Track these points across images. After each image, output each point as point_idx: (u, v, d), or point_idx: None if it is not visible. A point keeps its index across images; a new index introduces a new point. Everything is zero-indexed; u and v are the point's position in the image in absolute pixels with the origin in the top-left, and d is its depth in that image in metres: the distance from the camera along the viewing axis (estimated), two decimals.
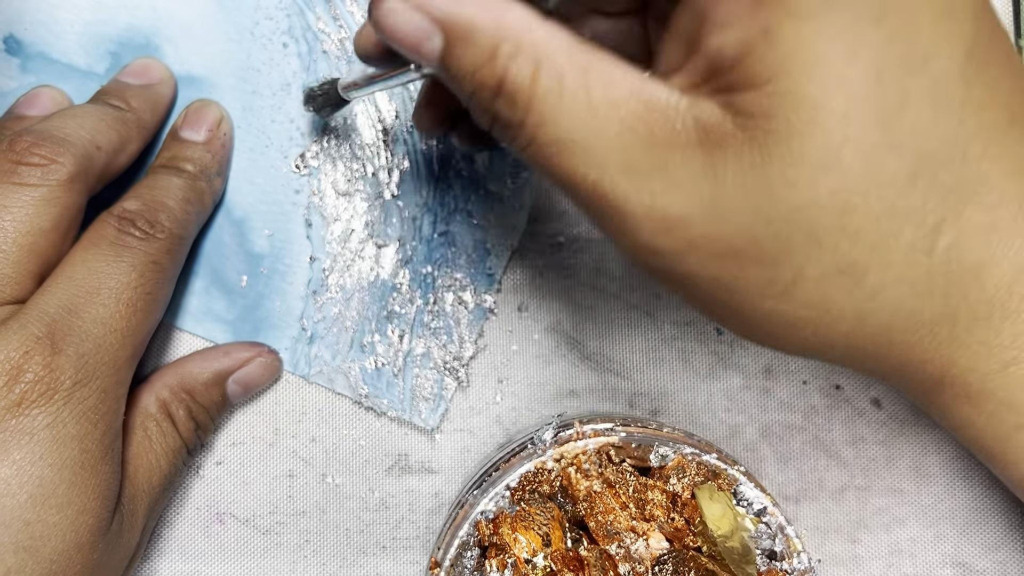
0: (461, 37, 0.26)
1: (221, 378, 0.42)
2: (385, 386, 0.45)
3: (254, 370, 0.43)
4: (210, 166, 0.43)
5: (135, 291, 0.37)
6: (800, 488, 0.46)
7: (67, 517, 0.34)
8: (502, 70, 0.26)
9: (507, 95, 0.26)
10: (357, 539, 0.45)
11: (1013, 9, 0.44)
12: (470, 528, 0.37)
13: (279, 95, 0.45)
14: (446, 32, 0.27)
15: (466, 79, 0.27)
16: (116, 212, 0.38)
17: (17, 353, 0.33)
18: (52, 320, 0.35)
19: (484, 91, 0.26)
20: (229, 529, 0.45)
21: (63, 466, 0.34)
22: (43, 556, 0.34)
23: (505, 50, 0.26)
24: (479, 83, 0.26)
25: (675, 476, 0.38)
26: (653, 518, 0.38)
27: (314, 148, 0.44)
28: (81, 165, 0.37)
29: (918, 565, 0.46)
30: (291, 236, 0.45)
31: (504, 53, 0.26)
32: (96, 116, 0.40)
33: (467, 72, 0.27)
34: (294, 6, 0.44)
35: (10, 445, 0.33)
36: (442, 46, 0.27)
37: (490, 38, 0.26)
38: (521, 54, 0.26)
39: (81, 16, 0.44)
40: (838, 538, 0.46)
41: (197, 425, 0.42)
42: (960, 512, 0.46)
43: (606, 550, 0.37)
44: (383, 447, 0.45)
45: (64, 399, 0.34)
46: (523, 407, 0.45)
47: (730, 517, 0.37)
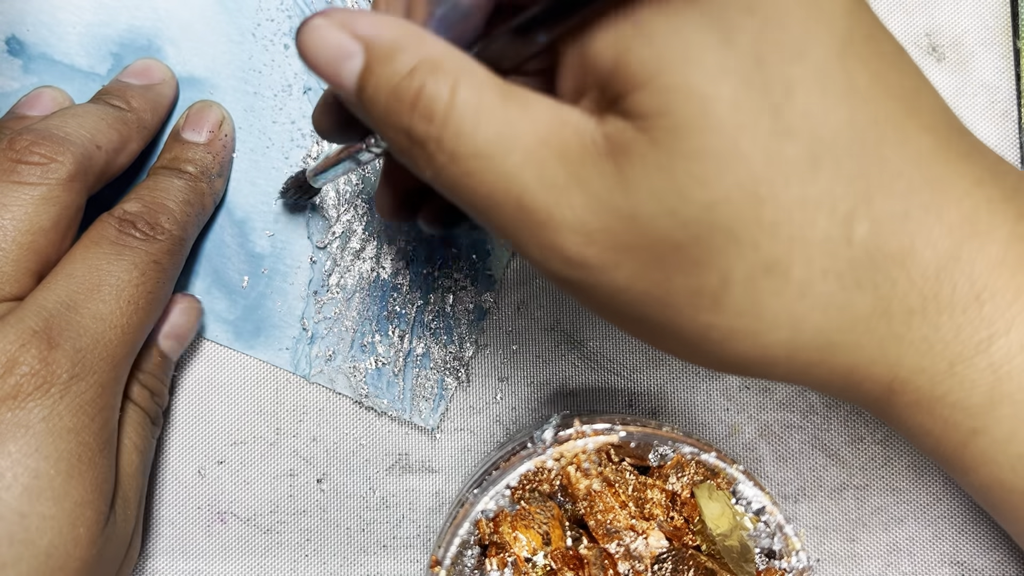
0: (382, 55, 0.26)
1: (150, 341, 0.42)
2: (385, 386, 0.45)
3: (177, 320, 0.42)
4: (211, 167, 0.43)
5: (136, 289, 0.37)
6: (799, 487, 0.46)
7: (64, 510, 0.34)
8: (419, 83, 0.26)
9: (423, 108, 0.26)
10: (358, 538, 0.45)
11: (1011, 11, 0.44)
12: (470, 527, 0.37)
13: (280, 96, 0.45)
14: (368, 51, 0.27)
15: (381, 97, 0.26)
16: (117, 214, 0.39)
17: (13, 346, 0.34)
18: (50, 315, 0.35)
19: (401, 107, 0.26)
20: (230, 528, 0.45)
21: (59, 459, 0.34)
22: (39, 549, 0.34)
23: (424, 67, 0.26)
24: (397, 100, 0.26)
25: (674, 475, 0.38)
26: (652, 517, 0.38)
27: (315, 149, 0.45)
28: (81, 164, 0.37)
29: (916, 564, 0.46)
30: (292, 237, 0.45)
31: (423, 69, 0.26)
32: (96, 115, 0.40)
33: (383, 91, 0.26)
34: (295, 8, 0.44)
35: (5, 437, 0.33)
36: (361, 66, 0.27)
37: (411, 56, 0.26)
38: (440, 71, 0.26)
39: (83, 17, 0.44)
40: (836, 537, 0.46)
41: (151, 392, 0.41)
42: (958, 511, 0.46)
43: (606, 549, 0.37)
44: (384, 446, 0.45)
45: (60, 392, 0.34)
46: (523, 407, 0.45)
47: (729, 516, 0.37)
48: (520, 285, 0.45)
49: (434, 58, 0.26)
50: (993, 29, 0.45)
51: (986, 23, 0.45)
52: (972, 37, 0.45)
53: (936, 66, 0.45)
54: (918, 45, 0.45)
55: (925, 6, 0.45)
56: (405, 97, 0.26)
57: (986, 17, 0.45)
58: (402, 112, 0.26)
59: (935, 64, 0.45)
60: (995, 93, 0.45)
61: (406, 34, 0.27)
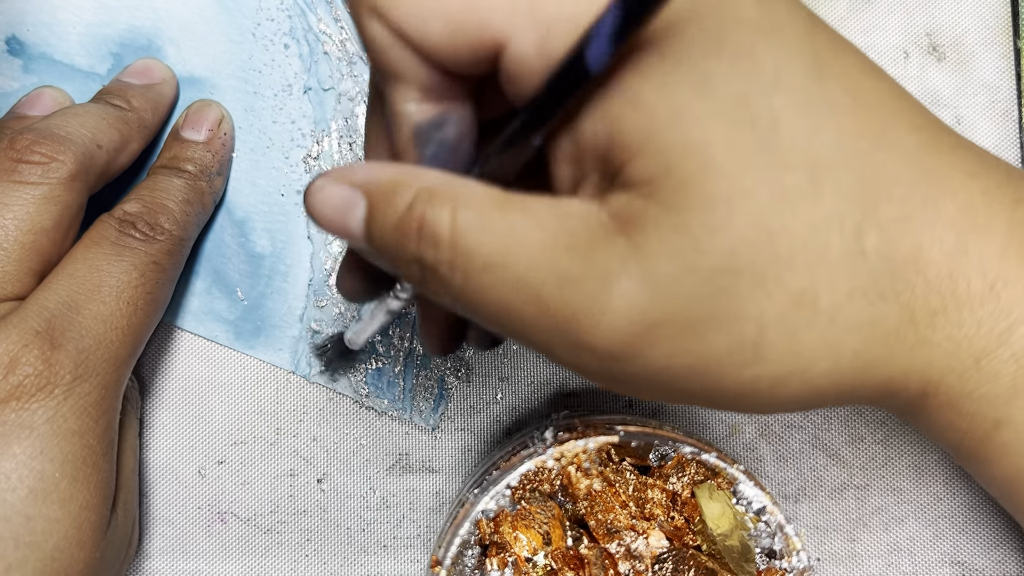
0: (382, 197, 0.27)
1: None
2: (386, 385, 0.45)
3: None
4: (211, 166, 0.43)
5: (136, 289, 0.37)
6: (799, 487, 0.46)
7: (69, 513, 0.34)
8: (420, 214, 0.26)
9: (428, 236, 0.26)
10: (358, 538, 0.45)
11: (1012, 10, 0.44)
12: (471, 527, 0.37)
13: (280, 96, 0.45)
14: (368, 197, 0.27)
15: (389, 237, 0.27)
16: (117, 215, 0.39)
17: (15, 346, 0.34)
18: (52, 315, 0.35)
19: (408, 240, 0.26)
20: (231, 528, 0.45)
21: (64, 461, 0.34)
22: (45, 552, 0.34)
23: (422, 197, 0.26)
24: (402, 234, 0.26)
25: (675, 475, 0.38)
26: (653, 517, 0.38)
27: (316, 149, 0.45)
28: (82, 163, 0.37)
29: (917, 564, 0.46)
30: (292, 236, 0.45)
31: (421, 199, 0.26)
32: (97, 115, 0.40)
33: (389, 229, 0.27)
34: (296, 7, 0.44)
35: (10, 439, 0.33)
36: (365, 213, 0.27)
37: (408, 191, 0.26)
38: (437, 199, 0.26)
39: (83, 17, 0.44)
40: (837, 537, 0.46)
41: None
42: (959, 511, 0.46)
43: (606, 548, 0.37)
44: (384, 446, 0.45)
45: (64, 394, 0.34)
46: (523, 406, 0.45)
47: (729, 516, 0.37)
48: None
49: (430, 187, 0.26)
50: (993, 29, 0.45)
51: (986, 23, 0.45)
52: (972, 37, 0.45)
53: (936, 66, 0.45)
54: (918, 45, 0.45)
55: (925, 6, 0.45)
56: (409, 229, 0.26)
57: (986, 17, 0.45)
58: (409, 244, 0.26)
59: (935, 64, 0.45)
60: (995, 93, 0.45)
61: (400, 172, 0.27)
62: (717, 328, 0.25)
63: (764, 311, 0.25)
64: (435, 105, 0.28)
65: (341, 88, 0.45)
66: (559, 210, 0.26)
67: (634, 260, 0.24)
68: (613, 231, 0.25)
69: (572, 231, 0.25)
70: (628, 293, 0.24)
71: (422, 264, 0.26)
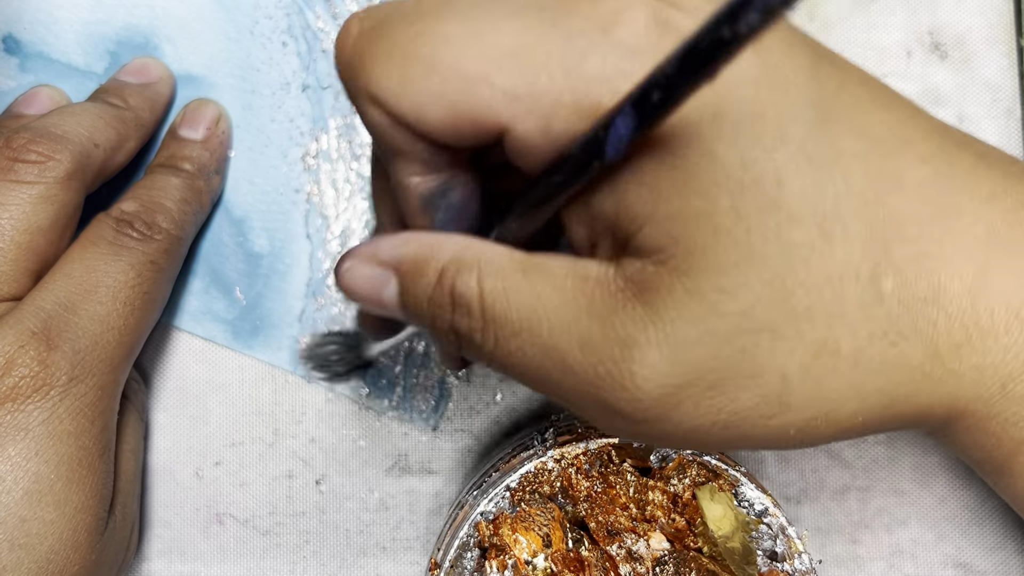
0: (411, 272, 0.28)
1: None
2: (386, 386, 0.45)
3: None
4: (208, 164, 0.42)
5: (133, 290, 0.37)
6: (801, 489, 0.45)
7: (64, 515, 0.34)
8: (450, 286, 0.27)
9: (461, 307, 0.27)
10: (357, 540, 0.45)
11: (1014, 8, 0.44)
12: (470, 529, 0.37)
13: (278, 94, 0.44)
14: (398, 272, 0.29)
15: (424, 309, 0.28)
16: (114, 214, 0.38)
17: (11, 347, 0.34)
18: (48, 316, 0.35)
19: (442, 311, 0.27)
20: (228, 530, 0.45)
21: (60, 462, 0.34)
22: (39, 554, 0.34)
23: (450, 269, 0.27)
24: (436, 306, 0.27)
25: (676, 477, 0.38)
26: (654, 519, 0.38)
27: (314, 147, 0.44)
28: (79, 162, 0.37)
29: (920, 566, 0.45)
30: (291, 236, 0.44)
31: (450, 271, 0.27)
32: (94, 114, 0.39)
33: (423, 302, 0.28)
34: (293, 5, 0.44)
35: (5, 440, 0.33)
36: (398, 288, 0.29)
37: (435, 264, 0.27)
38: (463, 268, 0.27)
39: (80, 15, 0.44)
40: (839, 539, 0.46)
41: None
42: (962, 513, 0.45)
43: (607, 551, 0.37)
44: (383, 447, 0.45)
45: (60, 395, 0.34)
46: (523, 407, 0.45)
47: (731, 518, 0.37)
48: None
49: (456, 257, 0.27)
50: (996, 27, 0.45)
51: (989, 21, 0.45)
52: (975, 35, 0.45)
53: (939, 64, 0.45)
54: (921, 43, 0.45)
55: (928, 4, 0.45)
56: (443, 301, 0.27)
57: (989, 15, 0.44)
58: (444, 314, 0.27)
59: (938, 62, 0.45)
60: (998, 91, 0.45)
61: (423, 245, 0.28)
62: (741, 386, 0.25)
63: (786, 365, 0.25)
64: (438, 175, 0.29)
65: (339, 86, 0.44)
66: (577, 272, 0.26)
67: (653, 326, 0.25)
68: (631, 296, 0.25)
69: (591, 295, 0.25)
70: (650, 359, 0.25)
71: (457, 333, 0.27)
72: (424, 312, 0.28)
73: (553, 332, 0.25)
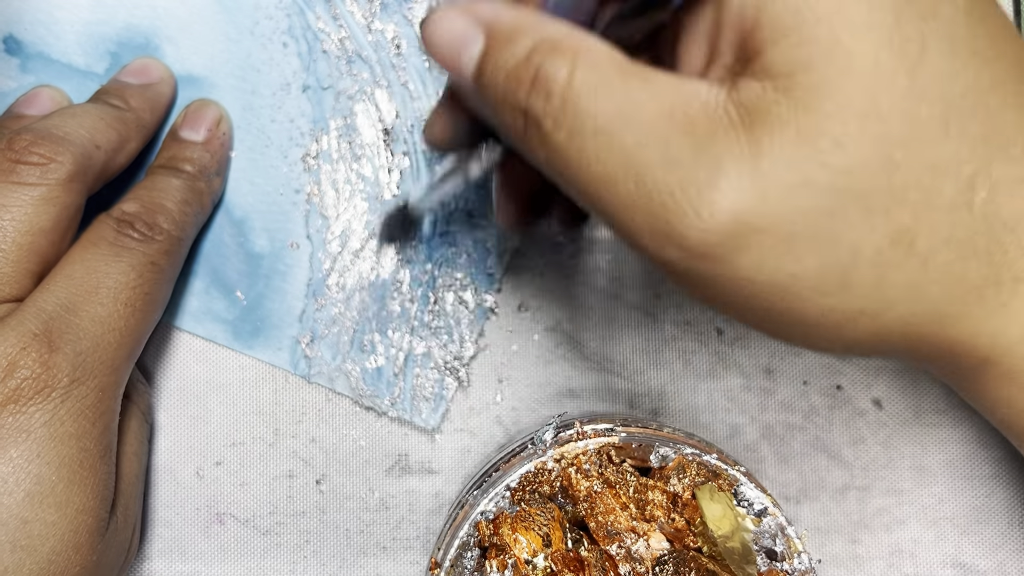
0: (502, 39, 0.27)
1: None
2: (386, 386, 0.45)
3: None
4: (209, 166, 0.43)
5: (134, 291, 0.37)
6: (801, 488, 0.45)
7: (66, 516, 0.34)
8: (537, 65, 0.26)
9: (541, 87, 0.25)
10: (357, 540, 0.45)
11: (1013, 8, 0.44)
12: (470, 528, 0.37)
13: (279, 95, 0.44)
14: (488, 34, 0.27)
15: (500, 79, 0.27)
16: (115, 214, 0.38)
17: (13, 349, 0.34)
18: (50, 318, 0.35)
19: (519, 87, 0.26)
20: (229, 529, 0.45)
21: (61, 464, 0.34)
22: (41, 555, 0.34)
23: (543, 48, 0.26)
24: (514, 81, 0.26)
25: (675, 476, 0.38)
26: (654, 518, 0.38)
27: (314, 148, 0.44)
28: (80, 164, 0.37)
29: (919, 565, 0.46)
30: (291, 236, 0.45)
31: (541, 50, 0.26)
32: (95, 115, 0.39)
33: (501, 74, 0.26)
34: (294, 6, 0.44)
35: (7, 442, 0.33)
36: (481, 51, 0.27)
37: (529, 39, 0.26)
38: (558, 52, 0.25)
39: (80, 16, 0.44)
40: (839, 538, 0.46)
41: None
42: (961, 512, 0.46)
43: (606, 550, 0.37)
44: (383, 447, 0.45)
45: (61, 397, 0.34)
46: (523, 407, 0.45)
47: (731, 517, 0.37)
48: (521, 285, 0.45)
49: (552, 39, 0.26)
50: None
51: None
52: None
53: None
54: None
55: None
56: (524, 77, 0.26)
57: None
58: (520, 92, 0.26)
59: None
60: None
61: (525, 18, 0.27)
62: (813, 248, 0.24)
63: (863, 241, 0.24)
64: None
65: (340, 86, 0.44)
66: (684, 89, 0.25)
67: (750, 158, 0.24)
68: (736, 122, 0.24)
69: (692, 114, 0.24)
70: (735, 192, 0.24)
71: (527, 115, 0.26)
72: (499, 86, 0.27)
73: (638, 142, 0.24)
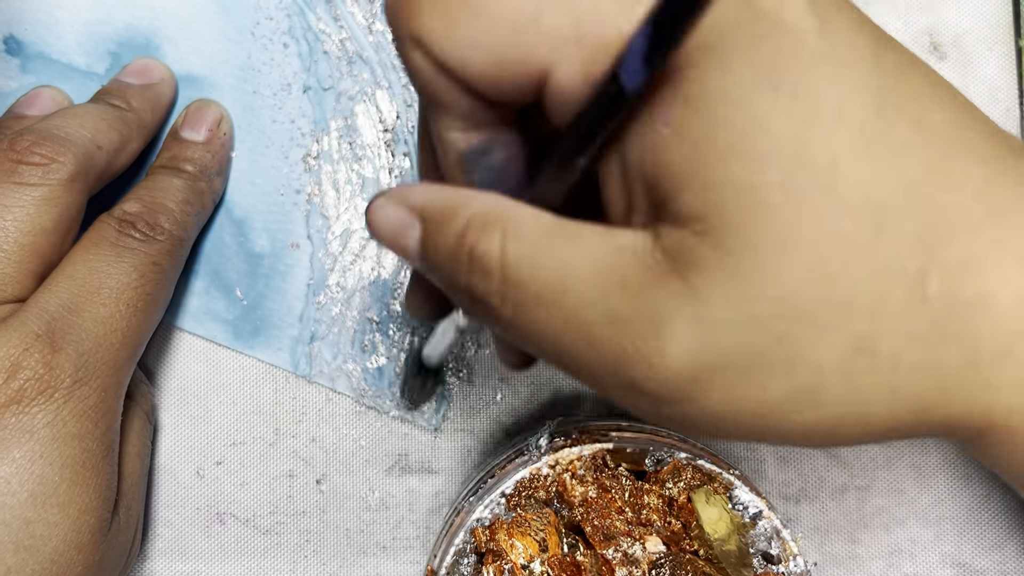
0: (436, 221, 0.27)
1: None
2: (387, 385, 0.45)
3: None
4: (210, 166, 0.43)
5: (135, 291, 0.37)
6: (800, 488, 0.46)
7: (69, 516, 0.35)
8: (472, 242, 0.26)
9: (478, 265, 0.26)
10: (357, 539, 0.45)
11: (1013, 9, 0.44)
12: (466, 535, 0.37)
13: (280, 95, 0.44)
14: (424, 220, 0.27)
15: (441, 260, 0.27)
16: (116, 214, 0.39)
17: (16, 350, 0.34)
18: (52, 318, 0.35)
19: (458, 267, 0.26)
20: (229, 529, 0.45)
21: (64, 465, 0.34)
22: (44, 555, 0.34)
23: (474, 225, 0.26)
24: (453, 260, 0.26)
25: (671, 480, 0.38)
26: (649, 522, 0.38)
27: (315, 148, 0.44)
28: (82, 164, 0.37)
29: (918, 565, 0.46)
30: (292, 236, 0.45)
31: (473, 228, 0.26)
32: (97, 115, 0.40)
33: (443, 255, 0.27)
34: (294, 6, 0.44)
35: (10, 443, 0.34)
36: (420, 235, 0.28)
37: (462, 217, 0.26)
38: (488, 226, 0.26)
39: (80, 16, 0.44)
40: (838, 538, 0.46)
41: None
42: (960, 512, 0.46)
43: (603, 555, 0.37)
44: (383, 447, 0.45)
45: (64, 397, 0.34)
46: (523, 408, 0.45)
47: (726, 520, 0.37)
48: None
49: (481, 213, 0.26)
50: (995, 27, 0.44)
51: (988, 21, 0.44)
52: (974, 36, 0.44)
53: (938, 64, 0.45)
54: (919, 43, 0.45)
55: (927, 4, 0.44)
56: (461, 257, 0.26)
57: (988, 16, 0.44)
58: (460, 273, 0.26)
59: (937, 62, 0.45)
60: (997, 92, 0.45)
61: (455, 197, 0.27)
62: (774, 374, 0.24)
63: (823, 357, 0.24)
64: (480, 132, 0.28)
65: (341, 87, 0.44)
66: (610, 242, 0.25)
67: (688, 303, 0.24)
68: (667, 270, 0.24)
69: (623, 268, 0.24)
70: (682, 338, 0.24)
71: (472, 295, 0.26)
72: (443, 267, 0.27)
73: (580, 304, 0.24)
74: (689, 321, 0.24)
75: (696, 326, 0.24)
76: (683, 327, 0.24)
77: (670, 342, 0.24)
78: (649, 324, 0.24)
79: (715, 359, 0.24)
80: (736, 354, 0.24)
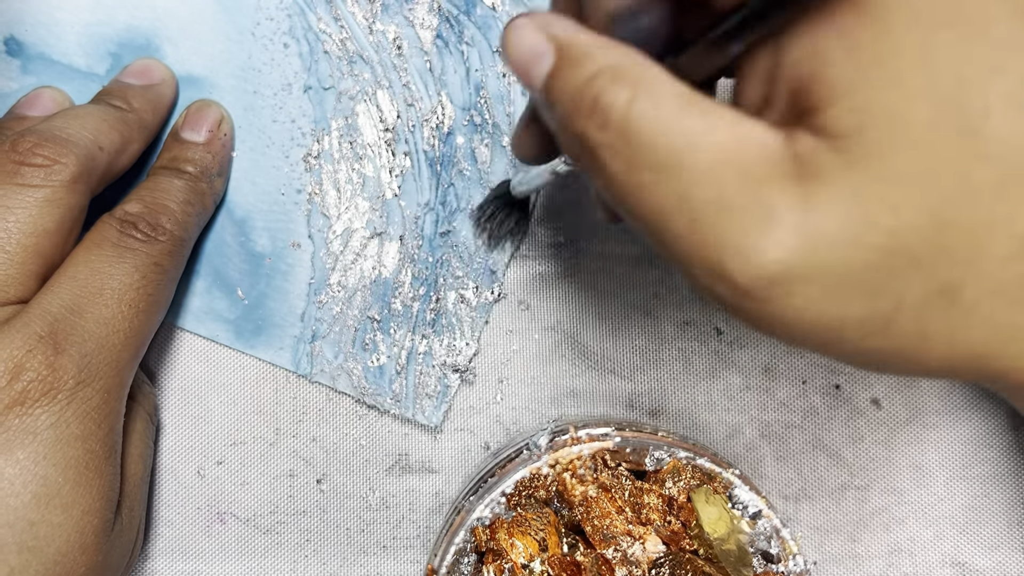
0: (570, 59, 0.27)
1: None
2: (388, 384, 0.45)
3: None
4: (211, 167, 0.43)
5: (137, 292, 0.37)
6: (800, 488, 0.46)
7: (72, 518, 0.35)
8: (597, 90, 0.25)
9: (599, 115, 0.25)
10: (358, 538, 0.45)
11: None
12: (466, 534, 0.37)
13: (280, 95, 0.45)
14: (559, 53, 0.27)
15: (564, 99, 0.27)
16: (118, 215, 0.39)
17: (20, 352, 0.34)
18: (55, 320, 0.35)
19: (578, 112, 0.26)
20: (230, 529, 0.45)
21: (67, 466, 0.34)
22: (47, 557, 0.34)
23: (605, 74, 0.26)
24: (574, 102, 0.26)
25: (671, 479, 0.38)
26: (649, 522, 0.38)
27: (316, 148, 0.44)
28: (84, 166, 0.37)
29: (917, 564, 0.46)
30: (293, 235, 0.45)
31: (604, 76, 0.26)
32: (98, 116, 0.40)
33: (566, 92, 0.26)
34: (295, 6, 0.44)
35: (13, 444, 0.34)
36: (550, 67, 0.27)
37: (595, 63, 0.26)
38: (620, 79, 0.25)
39: (81, 17, 0.44)
40: (838, 537, 0.46)
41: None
42: (959, 512, 0.46)
43: (603, 554, 0.37)
44: (383, 447, 0.45)
45: (67, 399, 0.34)
46: (523, 407, 0.45)
47: (726, 520, 0.37)
48: (521, 285, 0.45)
49: (617, 66, 0.26)
50: None
51: None
52: None
53: None
54: None
55: None
56: (583, 102, 0.26)
57: None
58: (579, 116, 0.26)
59: None
60: None
61: (595, 41, 0.27)
62: (857, 298, 0.24)
63: (908, 293, 0.24)
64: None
65: (341, 87, 0.44)
66: (742, 130, 0.25)
67: (802, 210, 0.24)
68: (789, 173, 0.24)
69: (747, 158, 0.24)
70: (785, 241, 0.24)
71: (583, 142, 0.26)
72: (562, 106, 0.27)
73: (692, 180, 0.24)
74: (796, 227, 0.24)
75: (801, 234, 0.24)
76: (789, 231, 0.24)
77: (772, 242, 0.24)
78: (757, 220, 0.24)
79: (808, 271, 0.24)
80: (829, 271, 0.24)
